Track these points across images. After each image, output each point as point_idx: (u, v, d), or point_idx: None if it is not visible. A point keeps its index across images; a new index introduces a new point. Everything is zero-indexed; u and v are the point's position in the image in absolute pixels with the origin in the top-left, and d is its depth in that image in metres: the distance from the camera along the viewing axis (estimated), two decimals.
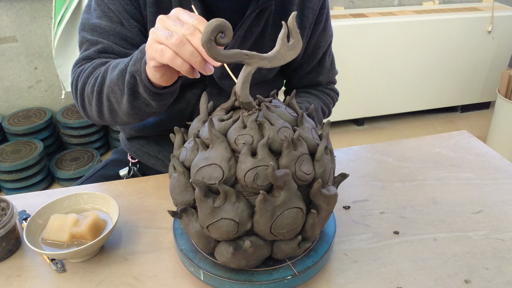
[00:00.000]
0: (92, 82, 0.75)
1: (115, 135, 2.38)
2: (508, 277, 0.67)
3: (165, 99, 0.70)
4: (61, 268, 0.67)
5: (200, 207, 0.56)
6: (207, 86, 0.88)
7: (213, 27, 0.51)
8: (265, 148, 0.55)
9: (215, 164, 0.56)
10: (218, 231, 0.57)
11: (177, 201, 0.61)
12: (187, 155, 0.60)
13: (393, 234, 0.75)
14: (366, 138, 2.63)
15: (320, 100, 0.98)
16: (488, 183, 0.89)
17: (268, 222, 0.56)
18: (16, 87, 2.27)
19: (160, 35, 0.57)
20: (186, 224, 0.61)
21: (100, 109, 0.76)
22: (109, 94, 0.72)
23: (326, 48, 0.96)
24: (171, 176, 0.62)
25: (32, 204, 0.81)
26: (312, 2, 0.87)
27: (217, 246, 0.60)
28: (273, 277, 0.61)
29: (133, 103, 0.70)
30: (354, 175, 0.91)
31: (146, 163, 1.01)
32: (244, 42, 0.84)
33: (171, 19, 0.58)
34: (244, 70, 0.57)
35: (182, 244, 0.67)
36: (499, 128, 2.37)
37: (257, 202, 0.55)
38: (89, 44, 0.80)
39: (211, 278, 0.62)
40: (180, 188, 0.60)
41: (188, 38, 0.56)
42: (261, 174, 0.54)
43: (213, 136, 0.56)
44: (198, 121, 0.64)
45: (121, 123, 0.79)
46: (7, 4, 2.05)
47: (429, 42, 2.52)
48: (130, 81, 0.67)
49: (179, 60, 0.57)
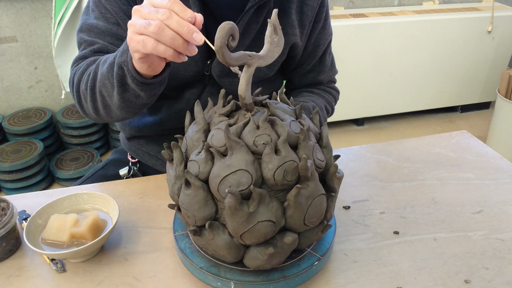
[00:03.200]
0: (86, 78, 0.76)
1: (115, 135, 2.38)
2: (508, 277, 0.67)
3: (154, 89, 0.70)
4: (61, 268, 0.67)
5: (233, 216, 0.55)
6: (207, 85, 0.88)
7: (226, 31, 0.51)
8: (286, 144, 0.56)
9: (241, 169, 0.55)
10: (254, 236, 0.56)
11: (196, 218, 0.58)
12: (200, 168, 0.57)
13: (393, 234, 0.75)
14: (366, 138, 2.63)
15: (323, 98, 0.98)
16: (488, 183, 0.89)
17: (302, 214, 0.57)
18: (16, 87, 2.27)
19: (138, 26, 0.57)
20: (210, 239, 0.59)
21: (95, 104, 0.77)
22: (101, 88, 0.73)
23: (326, 47, 0.96)
24: (181, 193, 0.59)
25: (32, 204, 0.81)
26: (311, 0, 0.87)
27: (246, 253, 0.60)
28: (302, 267, 0.63)
29: (123, 95, 0.70)
30: (354, 175, 0.91)
31: (146, 162, 1.01)
32: (242, 40, 0.84)
33: (145, 7, 0.58)
34: (246, 71, 0.57)
35: (199, 262, 0.64)
36: (499, 128, 2.37)
37: (292, 197, 0.55)
38: (86, 44, 0.81)
39: (244, 286, 0.62)
40: (199, 204, 0.57)
41: (166, 23, 0.55)
42: (288, 170, 0.55)
43: (231, 142, 0.55)
44: (197, 131, 0.61)
45: (116, 118, 0.79)
46: (7, 4, 2.05)
47: (429, 42, 2.52)
48: (118, 73, 0.67)
49: (161, 47, 0.56)
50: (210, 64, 0.85)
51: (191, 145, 0.61)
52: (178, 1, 0.56)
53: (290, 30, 0.86)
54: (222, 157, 0.56)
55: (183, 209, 0.60)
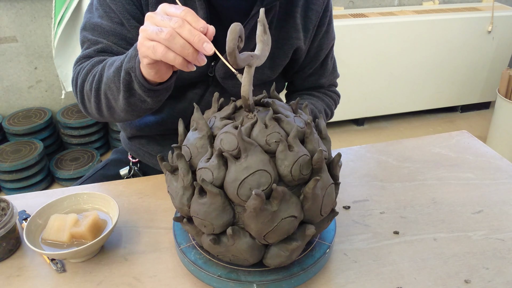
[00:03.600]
0: (91, 79, 0.76)
1: (115, 135, 2.38)
2: (508, 277, 0.67)
3: (160, 95, 0.70)
4: (61, 268, 0.67)
5: (258, 217, 0.54)
6: (210, 85, 0.88)
7: (237, 31, 0.51)
8: (297, 139, 0.57)
9: (260, 170, 0.54)
10: (277, 234, 0.57)
11: (214, 225, 0.57)
12: (214, 174, 0.56)
13: (393, 234, 0.75)
14: (366, 138, 2.63)
15: (323, 102, 0.98)
16: (488, 183, 0.89)
17: (318, 205, 0.58)
18: (16, 87, 2.27)
19: (150, 32, 0.57)
20: (230, 245, 0.58)
21: (99, 106, 0.77)
22: (106, 91, 0.73)
23: (329, 51, 0.96)
24: (194, 203, 0.58)
25: (32, 204, 0.81)
26: (316, 4, 0.87)
27: (267, 252, 0.60)
28: (316, 257, 0.65)
29: (129, 99, 0.71)
30: (354, 175, 0.91)
31: (147, 162, 1.01)
32: (248, 42, 0.84)
33: (159, 14, 0.58)
34: (249, 72, 0.57)
35: (215, 271, 0.63)
36: (499, 128, 2.37)
37: (310, 190, 0.56)
38: (89, 43, 0.81)
39: (267, 286, 0.62)
40: (217, 211, 0.56)
41: (178, 31, 0.56)
42: (303, 164, 0.56)
43: (246, 144, 0.55)
44: (201, 138, 0.60)
45: (119, 119, 0.80)
46: (7, 4, 2.05)
47: (429, 42, 2.52)
48: (125, 78, 0.68)
49: (171, 54, 0.57)
50: (214, 66, 0.85)
51: (195, 153, 0.60)
52: (192, 12, 0.57)
53: (294, 33, 0.87)
54: (236, 161, 0.55)
55: (198, 219, 0.58)
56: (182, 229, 0.70)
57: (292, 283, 0.63)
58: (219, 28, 0.84)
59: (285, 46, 0.87)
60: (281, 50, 0.88)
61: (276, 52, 0.88)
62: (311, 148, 0.59)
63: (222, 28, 0.85)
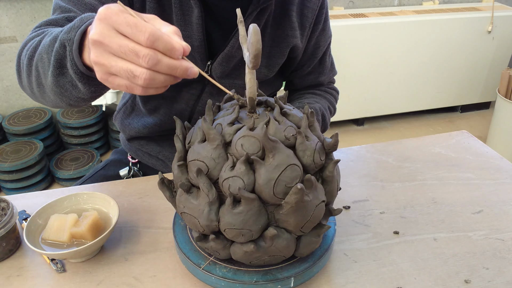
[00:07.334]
0: (29, 46, 0.66)
1: (115, 135, 2.38)
2: (508, 277, 0.67)
3: (95, 85, 0.59)
4: (61, 268, 0.67)
5: (297, 211, 0.55)
6: (206, 85, 0.88)
7: (259, 32, 0.49)
8: (308, 129, 0.59)
9: (290, 165, 0.54)
10: (312, 222, 0.59)
11: (253, 231, 0.56)
12: (245, 180, 0.54)
13: (393, 234, 0.75)
14: (366, 138, 2.63)
15: (326, 99, 0.99)
16: (488, 183, 0.89)
17: (336, 185, 0.61)
18: (16, 87, 2.27)
19: (115, 70, 0.47)
20: (268, 246, 0.57)
21: (30, 78, 0.67)
22: (38, 62, 0.63)
23: (326, 48, 0.97)
24: (228, 215, 0.55)
25: (32, 204, 0.81)
26: (312, 2, 0.87)
27: (300, 242, 0.61)
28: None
29: (57, 78, 0.60)
30: (354, 175, 0.91)
31: (146, 163, 1.01)
32: None
33: (114, 42, 0.46)
34: (252, 73, 0.56)
35: (249, 278, 0.61)
36: (499, 128, 2.37)
37: (331, 173, 0.59)
38: (60, 10, 0.72)
39: (303, 276, 0.63)
40: (254, 216, 0.55)
41: (155, 69, 0.47)
42: (320, 150, 0.58)
43: (272, 143, 0.54)
44: (215, 148, 0.57)
45: (51, 103, 0.69)
46: (7, 4, 2.05)
47: (429, 42, 2.52)
48: (58, 50, 0.57)
49: (151, 91, 0.50)
50: (211, 65, 0.84)
51: (213, 165, 0.56)
52: (156, 32, 0.45)
53: (290, 32, 0.86)
54: (264, 162, 0.55)
55: (235, 230, 0.56)
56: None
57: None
58: (214, 26, 0.83)
59: (282, 44, 0.87)
60: (277, 49, 0.88)
61: (273, 50, 0.87)
62: (317, 134, 0.61)
63: (217, 27, 0.85)
